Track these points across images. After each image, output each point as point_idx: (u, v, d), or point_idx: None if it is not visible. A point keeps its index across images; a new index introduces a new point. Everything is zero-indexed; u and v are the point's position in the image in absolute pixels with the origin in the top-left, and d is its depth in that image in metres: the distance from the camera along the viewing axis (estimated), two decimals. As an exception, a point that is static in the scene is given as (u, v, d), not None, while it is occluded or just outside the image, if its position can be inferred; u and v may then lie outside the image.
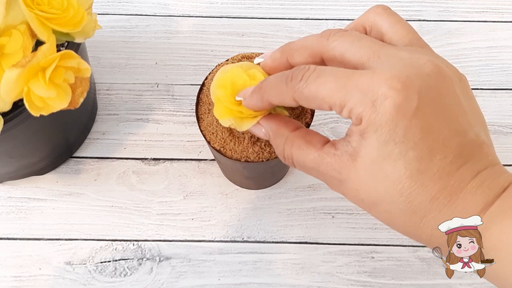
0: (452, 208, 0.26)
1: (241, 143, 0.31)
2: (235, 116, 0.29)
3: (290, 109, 0.32)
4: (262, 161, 0.31)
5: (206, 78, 0.34)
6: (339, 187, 0.27)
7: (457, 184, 0.25)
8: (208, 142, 0.32)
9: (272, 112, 0.30)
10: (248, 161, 0.31)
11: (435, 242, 0.27)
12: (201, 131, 0.33)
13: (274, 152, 0.31)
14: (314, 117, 0.33)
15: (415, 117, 0.25)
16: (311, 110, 0.33)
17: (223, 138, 0.32)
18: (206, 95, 0.33)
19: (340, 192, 0.28)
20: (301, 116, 0.32)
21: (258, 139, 0.31)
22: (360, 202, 0.27)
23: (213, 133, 0.32)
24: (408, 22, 0.54)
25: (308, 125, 0.32)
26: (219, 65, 0.34)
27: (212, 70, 0.34)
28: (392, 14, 0.29)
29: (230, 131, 0.32)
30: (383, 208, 0.26)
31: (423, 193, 0.25)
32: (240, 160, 0.32)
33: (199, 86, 0.34)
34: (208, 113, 0.33)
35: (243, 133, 0.31)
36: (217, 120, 0.31)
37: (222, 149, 0.32)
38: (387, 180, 0.26)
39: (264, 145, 0.31)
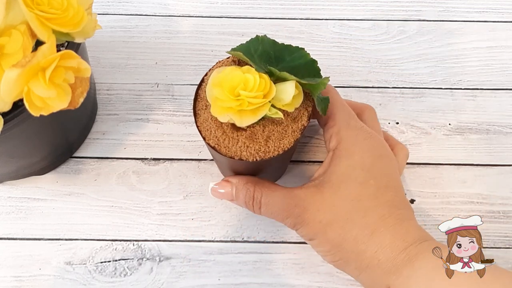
0: (398, 229, 0.31)
1: (235, 144, 0.31)
2: (234, 112, 0.29)
3: (286, 113, 0.32)
4: (256, 160, 0.31)
5: (206, 74, 0.34)
6: (300, 215, 0.32)
7: (401, 216, 0.32)
8: (204, 138, 0.32)
9: (268, 115, 0.30)
10: (242, 160, 0.31)
11: (378, 257, 0.31)
12: (197, 126, 0.33)
13: (270, 152, 0.31)
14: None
15: (379, 160, 0.33)
16: (307, 112, 0.33)
17: (216, 137, 0.32)
18: (205, 91, 0.33)
19: (299, 221, 0.33)
20: (297, 119, 0.32)
21: (252, 142, 0.31)
22: (317, 224, 0.32)
23: (208, 129, 0.32)
24: (408, 22, 0.54)
25: (304, 127, 0.32)
26: (219, 61, 0.34)
27: (213, 67, 0.34)
28: None
29: (223, 131, 0.31)
30: (339, 225, 0.31)
31: (376, 212, 0.31)
32: (233, 158, 0.31)
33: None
34: (205, 109, 0.33)
35: (237, 135, 0.31)
36: (211, 118, 0.32)
37: (216, 145, 0.32)
38: (349, 197, 0.31)
39: (259, 147, 0.31)
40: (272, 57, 0.32)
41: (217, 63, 0.34)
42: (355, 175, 0.31)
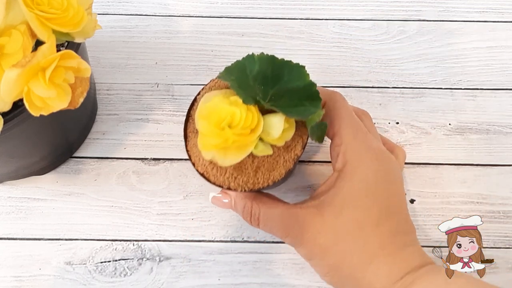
0: (397, 258, 0.30)
1: (223, 173, 0.30)
2: (218, 148, 0.28)
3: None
4: (245, 190, 0.30)
5: (198, 93, 0.33)
6: (299, 235, 0.31)
7: (403, 242, 0.31)
8: (193, 164, 0.32)
9: (254, 153, 0.29)
10: (230, 189, 0.31)
11: (375, 285, 0.30)
12: (187, 151, 0.32)
13: (259, 183, 0.30)
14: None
15: (385, 183, 0.32)
16: (302, 141, 0.31)
17: (204, 165, 0.31)
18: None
19: (298, 241, 0.32)
20: (290, 148, 0.31)
21: (241, 173, 0.30)
22: (317, 246, 0.31)
23: (196, 156, 0.31)
24: (408, 22, 0.54)
25: (297, 157, 0.31)
26: (213, 80, 0.33)
27: (205, 86, 0.33)
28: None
29: (210, 161, 0.30)
30: (339, 250, 0.31)
31: (376, 240, 0.30)
32: (222, 187, 0.31)
33: (196, 93, 0.33)
34: (195, 132, 0.32)
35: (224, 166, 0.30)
36: None
37: (205, 173, 0.31)
38: (350, 223, 0.30)
39: (247, 178, 0.30)
40: (268, 77, 0.30)
41: (210, 81, 0.33)
42: (359, 201, 0.31)
